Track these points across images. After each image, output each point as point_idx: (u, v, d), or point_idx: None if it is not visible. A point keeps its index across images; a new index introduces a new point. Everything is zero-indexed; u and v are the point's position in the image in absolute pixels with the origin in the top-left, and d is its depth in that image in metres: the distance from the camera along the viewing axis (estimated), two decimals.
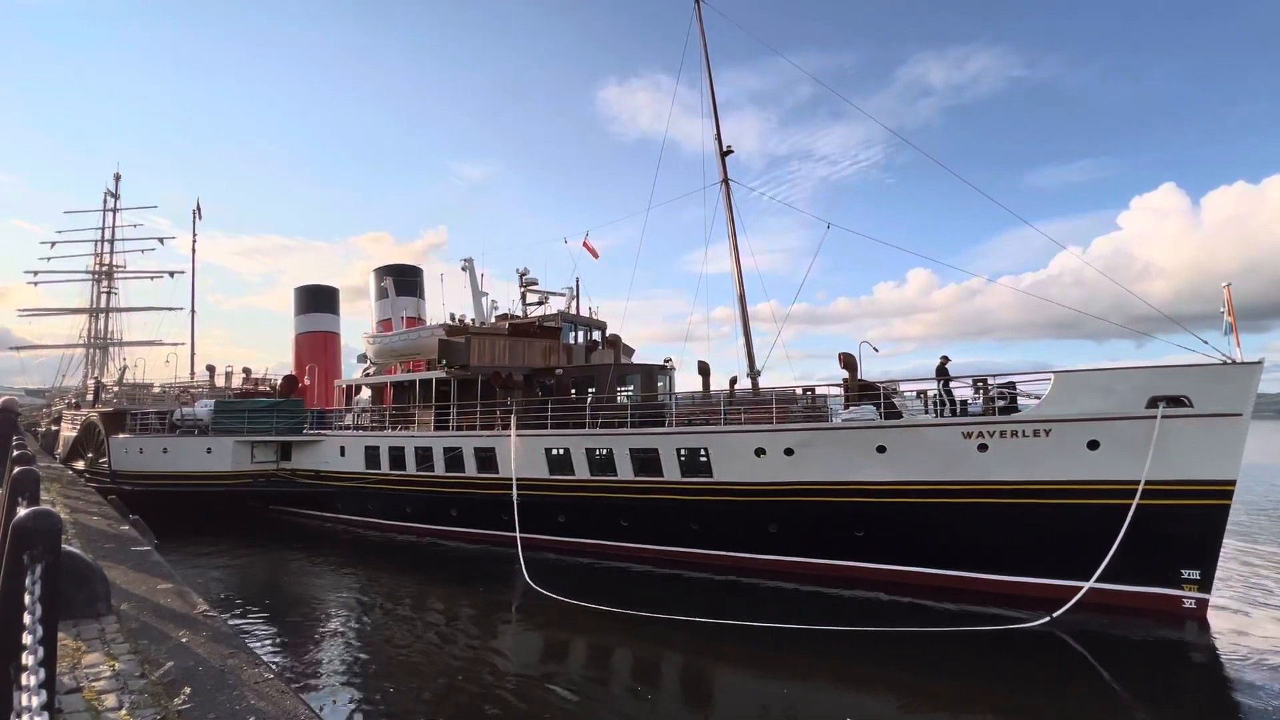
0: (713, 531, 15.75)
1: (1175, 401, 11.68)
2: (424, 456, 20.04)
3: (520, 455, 17.59)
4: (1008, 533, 12.83)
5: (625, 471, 16.49)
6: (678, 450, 15.82)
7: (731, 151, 19.49)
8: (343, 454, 22.37)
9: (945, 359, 14.80)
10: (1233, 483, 11.62)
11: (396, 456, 20.79)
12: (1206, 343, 12.06)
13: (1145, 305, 14.53)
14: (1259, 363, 11.43)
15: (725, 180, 19.34)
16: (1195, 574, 11.81)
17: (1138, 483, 11.72)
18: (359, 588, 14.94)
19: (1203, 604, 11.77)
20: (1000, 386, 13.55)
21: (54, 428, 41.58)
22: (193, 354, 38.54)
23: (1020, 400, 13.29)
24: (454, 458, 19.40)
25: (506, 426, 18.52)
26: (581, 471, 17.11)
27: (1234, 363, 11.59)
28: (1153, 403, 11.75)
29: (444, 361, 21.04)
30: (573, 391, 19.68)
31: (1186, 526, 11.76)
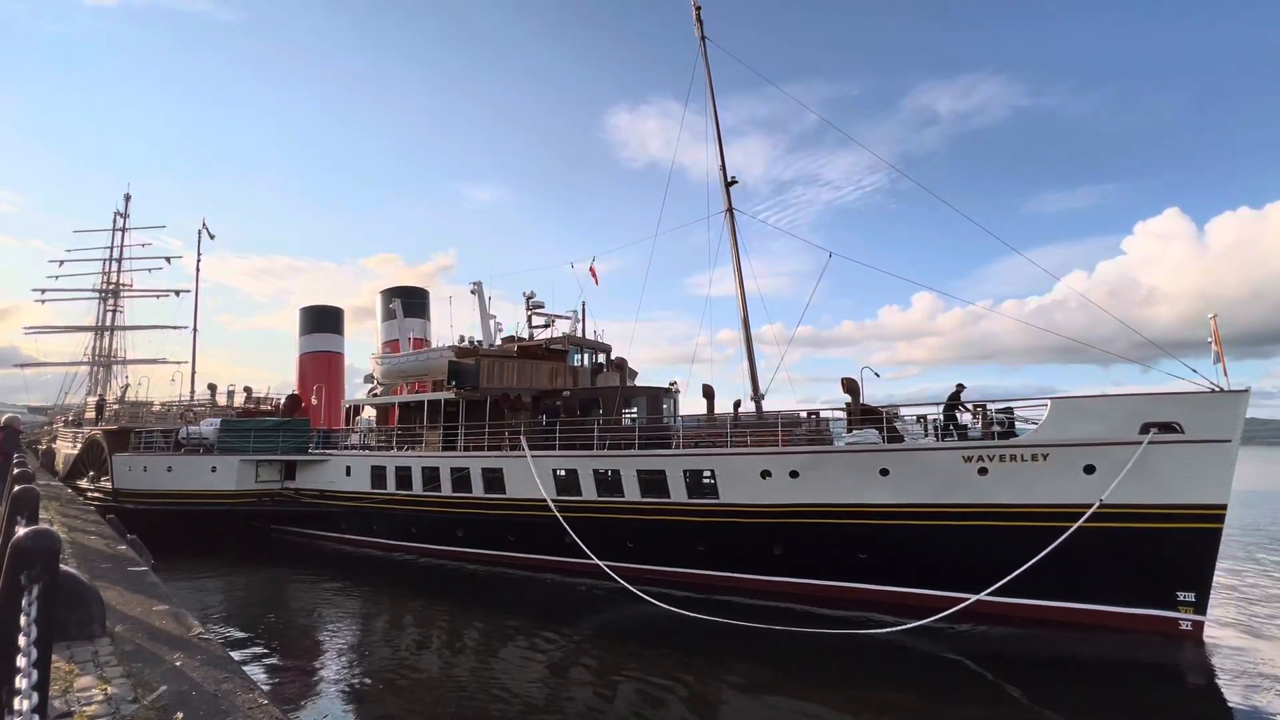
0: (718, 553, 15.70)
1: (1167, 428, 11.97)
2: (431, 477, 20.00)
3: (529, 476, 17.58)
4: (1007, 554, 12.81)
5: (632, 493, 16.45)
6: (684, 472, 15.81)
7: (736, 182, 19.70)
8: (348, 474, 22.33)
9: (960, 386, 14.93)
10: (1224, 506, 11.86)
11: (403, 477, 20.75)
12: (1195, 371, 12.49)
13: (1147, 331, 14.74)
14: (1246, 391, 11.77)
15: (730, 209, 19.54)
16: (1190, 596, 12.00)
17: (1132, 506, 12.08)
18: (361, 609, 14.77)
19: (1198, 626, 11.92)
20: (999, 411, 13.86)
21: (54, 445, 41.58)
22: (193, 372, 38.67)
23: (1019, 425, 13.63)
24: (461, 478, 19.35)
25: (514, 448, 18.54)
26: (589, 493, 17.07)
27: (1222, 391, 11.89)
28: (1145, 429, 12.05)
29: (453, 382, 21.11)
30: (578, 414, 19.70)
31: (1179, 549, 12.00)
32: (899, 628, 11.86)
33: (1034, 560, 12.03)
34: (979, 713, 9.11)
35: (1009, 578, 12.06)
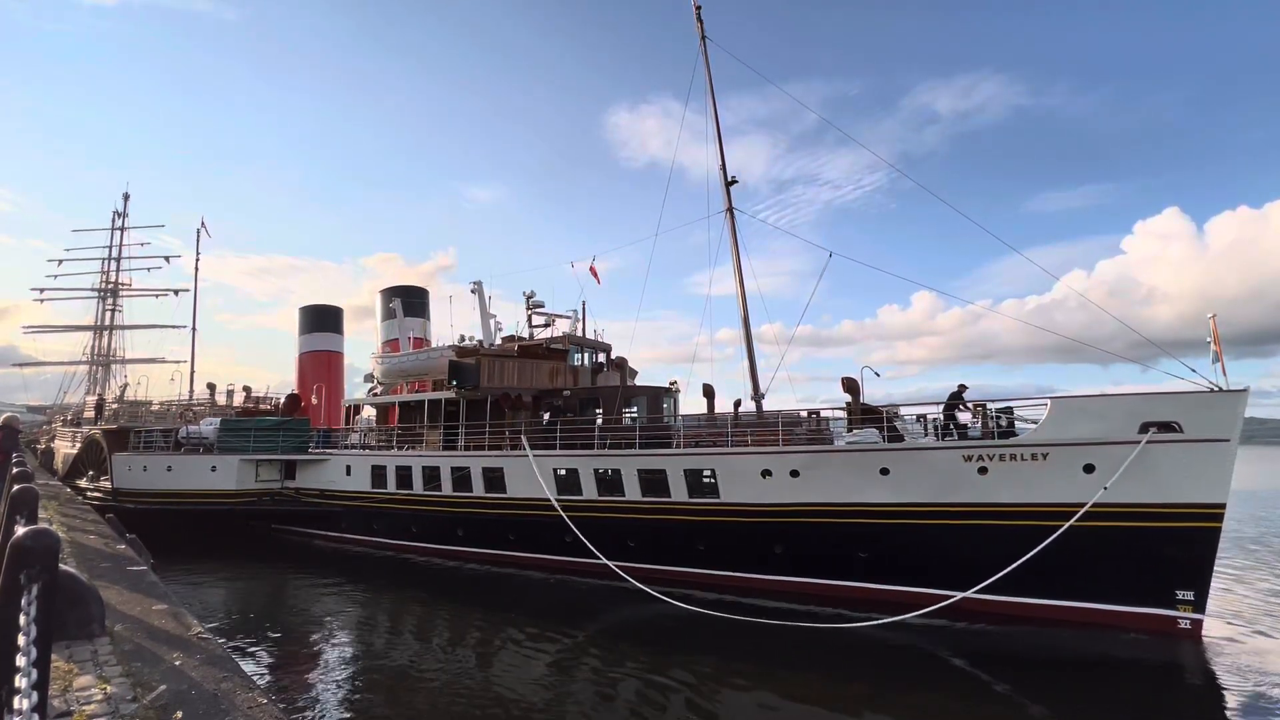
0: (719, 552, 15.70)
1: (1166, 427, 12.00)
2: (431, 476, 20.00)
3: (530, 476, 17.58)
4: (1007, 553, 12.85)
5: (633, 492, 16.45)
6: (684, 471, 15.81)
7: (736, 181, 19.63)
8: (349, 473, 22.31)
9: (963, 386, 14.95)
10: (1223, 505, 11.89)
11: (403, 476, 20.75)
12: (1195, 371, 12.54)
13: (1146, 330, 14.78)
14: (1245, 390, 11.82)
15: (730, 209, 19.50)
16: (1189, 595, 12.04)
17: (1132, 505, 12.14)
18: (361, 609, 14.76)
19: (1197, 624, 11.97)
20: (999, 411, 13.91)
21: (53, 444, 41.48)
22: (192, 371, 38.59)
23: (1019, 425, 13.66)
24: (461, 478, 19.35)
25: (514, 447, 18.52)
26: (589, 492, 17.06)
27: (1221, 390, 11.92)
28: (1144, 428, 12.08)
29: (454, 382, 21.11)
30: (579, 413, 19.69)
31: (1178, 548, 12.05)
32: (875, 621, 12.13)
33: (1021, 560, 12.12)
34: (980, 711, 9.11)
35: (995, 577, 12.18)
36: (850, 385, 15.64)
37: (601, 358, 24.91)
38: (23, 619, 2.44)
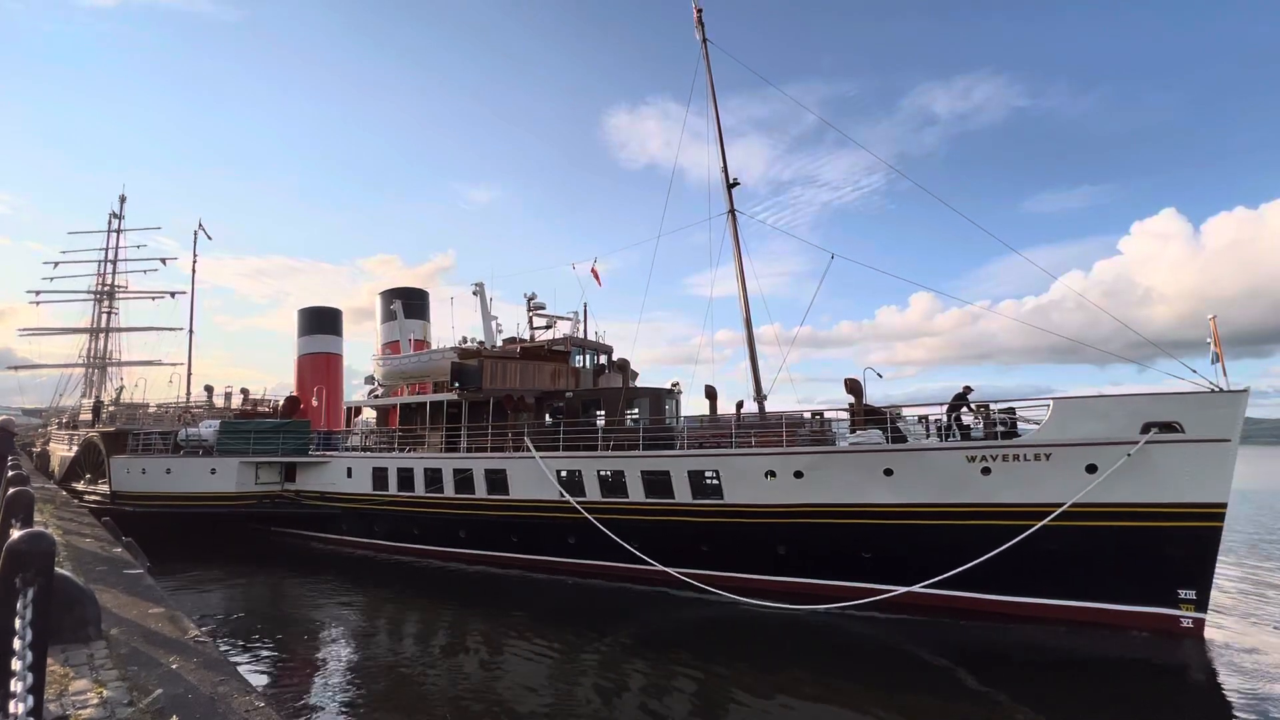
0: (723, 553, 15.68)
1: (1167, 427, 12.06)
2: (433, 478, 19.96)
3: (534, 477, 17.55)
4: (1011, 553, 12.86)
5: (636, 493, 16.42)
6: (688, 473, 15.79)
7: (738, 183, 19.53)
8: (349, 475, 22.27)
9: (968, 388, 14.89)
10: (1224, 505, 11.95)
11: (405, 478, 20.70)
12: (1195, 371, 12.63)
13: (1144, 330, 14.87)
14: (1245, 390, 11.88)
15: (732, 211, 19.46)
16: (1191, 594, 12.11)
17: (1134, 504, 12.23)
18: (362, 611, 14.69)
19: (1199, 623, 12.02)
20: (1001, 412, 13.93)
21: (49, 448, 41.31)
22: (189, 374, 38.44)
23: (1020, 425, 13.70)
24: (464, 479, 19.31)
25: (517, 448, 18.51)
26: (593, 493, 17.02)
27: (1221, 391, 11.99)
28: (1146, 428, 12.15)
29: (456, 384, 21.09)
30: (581, 415, 19.67)
31: (1179, 547, 12.10)
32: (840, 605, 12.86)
33: (984, 558, 12.44)
34: (980, 710, 9.06)
35: (955, 571, 12.60)
36: (853, 386, 15.65)
37: (603, 359, 24.89)
38: (18, 622, 2.40)
